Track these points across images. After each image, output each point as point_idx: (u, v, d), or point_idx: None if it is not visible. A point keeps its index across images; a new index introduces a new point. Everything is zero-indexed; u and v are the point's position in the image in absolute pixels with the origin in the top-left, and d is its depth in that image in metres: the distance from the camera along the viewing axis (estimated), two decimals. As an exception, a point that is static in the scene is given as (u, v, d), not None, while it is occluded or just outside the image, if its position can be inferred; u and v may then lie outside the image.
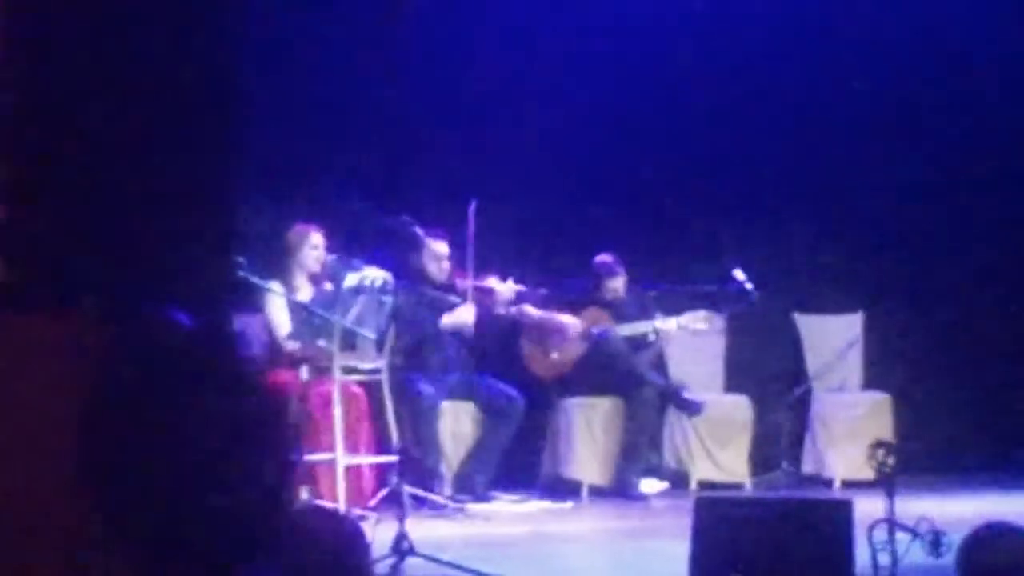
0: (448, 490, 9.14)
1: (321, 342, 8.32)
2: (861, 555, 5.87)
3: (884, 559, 6.03)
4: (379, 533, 6.24)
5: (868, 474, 7.54)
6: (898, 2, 10.69)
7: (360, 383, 8.63)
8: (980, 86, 10.70)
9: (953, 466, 10.31)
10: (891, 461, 6.13)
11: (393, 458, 8.23)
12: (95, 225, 6.19)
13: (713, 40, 10.46)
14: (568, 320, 9.79)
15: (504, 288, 9.55)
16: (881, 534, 6.07)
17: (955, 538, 5.96)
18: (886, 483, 6.10)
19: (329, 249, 8.83)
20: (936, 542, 6.24)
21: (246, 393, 2.33)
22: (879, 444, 6.24)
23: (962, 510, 8.00)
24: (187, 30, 6.36)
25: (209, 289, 6.84)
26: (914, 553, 6.20)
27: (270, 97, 8.71)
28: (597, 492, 9.62)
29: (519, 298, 9.64)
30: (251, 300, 8.59)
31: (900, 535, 6.12)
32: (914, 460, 8.22)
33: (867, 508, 6.09)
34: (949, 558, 6.05)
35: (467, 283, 9.28)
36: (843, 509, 5.75)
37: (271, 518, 2.35)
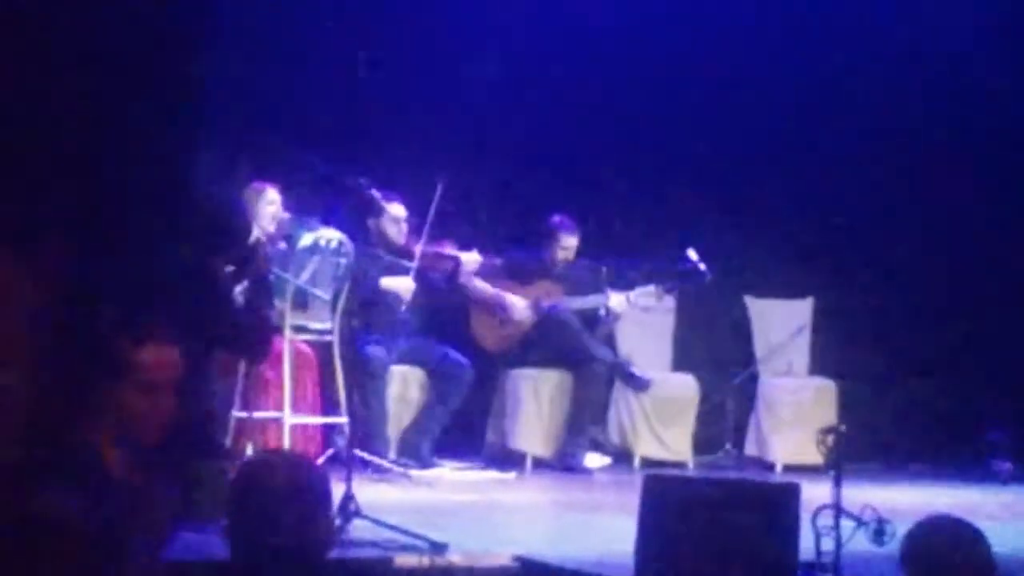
0: (393, 454, 9.14)
1: (274, 301, 8.29)
2: (805, 540, 5.91)
3: (827, 545, 6.06)
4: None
5: (810, 459, 7.58)
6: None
7: (310, 343, 8.61)
8: (940, 74, 10.74)
9: (896, 455, 10.39)
10: (839, 447, 6.16)
11: (340, 419, 8.22)
12: (62, 172, 6.18)
13: (675, 18, 10.46)
14: (514, 300, 9.77)
15: (469, 257, 9.54)
16: (825, 520, 6.10)
17: (898, 527, 6.04)
18: (834, 469, 6.14)
19: (285, 208, 8.79)
20: (880, 530, 6.29)
21: None
22: (828, 430, 6.27)
23: (904, 499, 8.09)
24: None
25: (166, 240, 6.83)
26: (857, 540, 6.25)
27: (232, 53, 8.66)
28: (541, 464, 9.65)
29: (479, 268, 9.64)
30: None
31: (844, 522, 6.15)
32: (858, 448, 8.27)
33: (809, 494, 6.11)
34: (892, 546, 6.10)
35: (419, 249, 9.26)
36: (791, 493, 5.78)
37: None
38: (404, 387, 9.38)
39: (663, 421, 10.03)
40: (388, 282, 9.25)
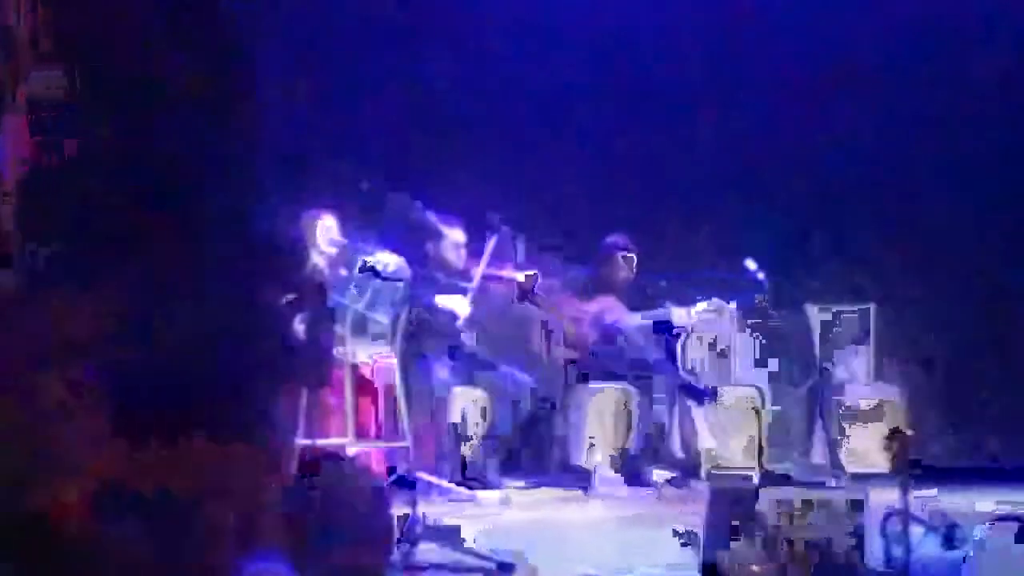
0: (458, 476, 9.14)
1: (333, 327, 8.31)
2: (874, 547, 5.87)
3: (897, 551, 6.01)
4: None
5: (878, 465, 7.53)
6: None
7: (372, 368, 8.61)
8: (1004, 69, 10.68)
9: (965, 459, 10.30)
10: (906, 452, 6.11)
11: (404, 443, 8.22)
12: (116, 219, 6.20)
13: (730, 25, 10.46)
14: (572, 331, 9.79)
15: (524, 278, 9.56)
16: (894, 525, 6.05)
17: (968, 531, 5.99)
18: (901, 474, 6.08)
19: (342, 234, 8.82)
20: (950, 535, 6.23)
21: None
22: (894, 434, 6.21)
23: (973, 504, 8.00)
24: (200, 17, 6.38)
25: (226, 272, 6.85)
26: (927, 545, 6.19)
27: (284, 81, 8.71)
28: (606, 480, 9.61)
29: (536, 286, 9.65)
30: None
31: (913, 527, 6.10)
32: (926, 453, 8.21)
33: (878, 500, 6.07)
34: (963, 551, 6.05)
35: (479, 272, 9.28)
36: (858, 500, 5.74)
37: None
38: (468, 408, 9.38)
39: (727, 432, 10.00)
40: (443, 300, 9.26)
